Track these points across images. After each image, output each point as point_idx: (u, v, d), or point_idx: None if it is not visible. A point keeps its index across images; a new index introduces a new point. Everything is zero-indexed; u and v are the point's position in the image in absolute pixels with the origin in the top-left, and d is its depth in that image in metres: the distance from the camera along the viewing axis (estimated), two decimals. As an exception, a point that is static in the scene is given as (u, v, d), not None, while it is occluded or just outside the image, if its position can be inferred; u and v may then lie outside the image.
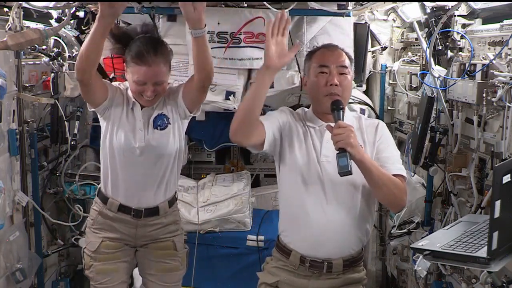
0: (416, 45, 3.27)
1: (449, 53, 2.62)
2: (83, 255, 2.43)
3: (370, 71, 3.59)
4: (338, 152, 1.82)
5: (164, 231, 2.41)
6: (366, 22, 3.32)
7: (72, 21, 2.98)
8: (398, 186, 1.92)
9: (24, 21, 2.72)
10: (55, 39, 3.14)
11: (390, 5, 3.27)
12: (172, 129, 2.30)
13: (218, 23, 2.91)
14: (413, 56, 3.25)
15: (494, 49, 2.27)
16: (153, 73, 2.15)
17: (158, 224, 2.38)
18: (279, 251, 2.11)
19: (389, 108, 3.57)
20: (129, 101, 2.27)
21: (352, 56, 2.20)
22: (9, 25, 2.58)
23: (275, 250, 2.14)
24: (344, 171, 1.80)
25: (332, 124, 1.89)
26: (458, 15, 2.54)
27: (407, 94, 3.22)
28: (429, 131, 2.67)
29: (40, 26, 2.92)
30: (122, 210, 2.33)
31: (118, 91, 2.28)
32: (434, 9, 2.62)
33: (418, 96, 3.02)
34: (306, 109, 2.14)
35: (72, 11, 2.70)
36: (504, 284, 1.94)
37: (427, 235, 2.62)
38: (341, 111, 1.91)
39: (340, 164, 1.80)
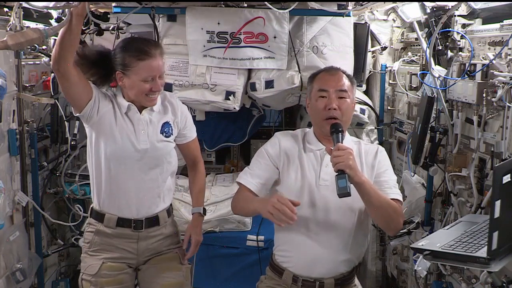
0: (416, 45, 3.27)
1: (449, 53, 2.62)
2: (81, 283, 2.23)
3: (370, 71, 3.59)
4: (337, 173, 1.85)
5: (167, 243, 2.34)
6: (366, 22, 3.32)
7: (72, 21, 2.97)
8: (395, 209, 1.96)
9: (24, 21, 2.72)
10: (55, 39, 3.13)
11: (390, 5, 3.28)
12: (172, 139, 2.31)
13: (218, 23, 2.90)
14: (413, 56, 3.25)
15: (494, 49, 2.28)
16: (158, 65, 2.14)
17: (159, 235, 2.31)
18: (272, 270, 2.16)
19: (389, 108, 3.57)
20: (121, 106, 2.19)
21: (353, 74, 2.23)
22: (9, 25, 2.58)
23: (268, 269, 2.19)
24: (343, 193, 1.83)
25: (332, 147, 1.92)
26: (458, 15, 2.54)
27: (407, 94, 3.22)
28: (429, 131, 2.67)
29: (40, 26, 2.92)
30: (121, 224, 2.22)
31: (106, 96, 2.20)
32: (434, 9, 2.62)
33: (418, 96, 3.02)
34: (307, 130, 2.18)
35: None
36: (504, 284, 1.94)
37: (427, 235, 2.62)
38: (340, 133, 1.96)
39: (339, 185, 1.83)
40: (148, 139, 2.20)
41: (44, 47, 3.02)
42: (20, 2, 2.58)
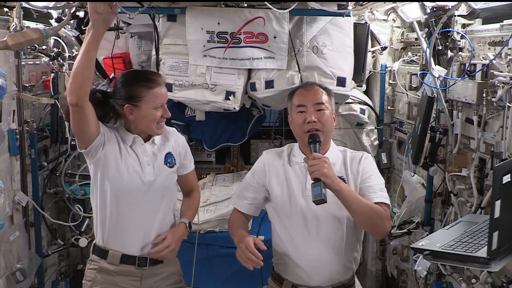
0: (416, 45, 3.27)
1: (449, 53, 2.62)
2: None
3: (370, 71, 3.60)
4: (313, 182, 1.90)
5: (169, 282, 2.29)
6: (366, 22, 3.32)
7: (72, 21, 2.97)
8: (379, 214, 1.97)
9: (24, 21, 2.72)
10: (55, 39, 3.14)
11: (390, 5, 3.28)
12: (175, 169, 2.30)
13: (218, 23, 2.90)
14: (413, 56, 3.25)
15: (494, 49, 2.28)
16: (165, 91, 2.17)
17: (162, 273, 2.26)
18: (273, 280, 2.22)
19: (389, 108, 3.58)
20: (125, 139, 2.17)
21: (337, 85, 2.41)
22: (13, 25, 2.59)
23: (270, 279, 2.25)
24: (318, 200, 1.87)
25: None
26: (458, 15, 2.55)
27: (407, 94, 3.22)
28: (429, 131, 2.68)
29: (40, 26, 2.92)
30: (124, 261, 2.17)
31: (110, 131, 2.16)
32: (434, 9, 2.62)
33: (418, 96, 3.03)
34: (294, 144, 2.24)
35: (72, 11, 2.69)
36: (504, 284, 1.94)
37: (427, 235, 2.63)
38: (317, 144, 2.03)
39: (314, 193, 1.88)
40: (153, 171, 2.18)
41: (44, 47, 3.02)
42: (20, 2, 2.58)
